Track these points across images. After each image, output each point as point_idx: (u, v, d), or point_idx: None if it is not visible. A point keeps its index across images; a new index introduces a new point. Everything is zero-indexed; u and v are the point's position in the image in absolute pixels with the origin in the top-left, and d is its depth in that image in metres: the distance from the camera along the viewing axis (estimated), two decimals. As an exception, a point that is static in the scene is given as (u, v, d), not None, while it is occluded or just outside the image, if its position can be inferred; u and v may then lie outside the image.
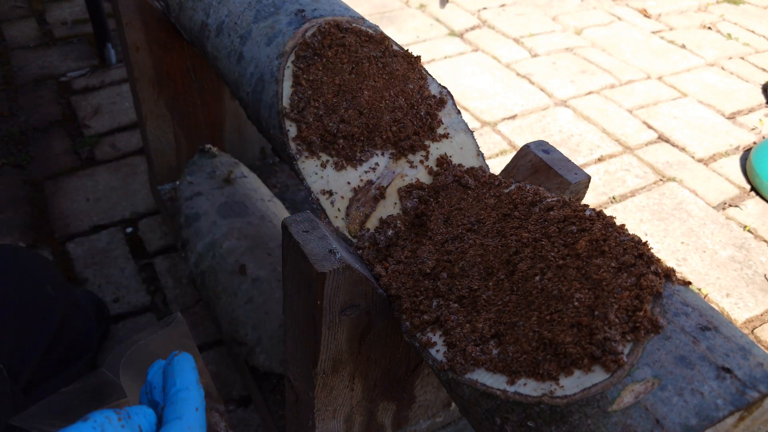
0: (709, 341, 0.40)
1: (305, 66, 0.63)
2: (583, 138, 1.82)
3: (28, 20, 2.22)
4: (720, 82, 2.14)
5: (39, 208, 1.48)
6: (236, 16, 0.73)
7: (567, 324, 0.43)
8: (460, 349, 0.46)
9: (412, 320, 0.51)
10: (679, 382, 0.38)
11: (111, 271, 1.32)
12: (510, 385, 0.43)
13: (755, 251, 1.48)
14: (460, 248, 0.54)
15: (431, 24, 2.38)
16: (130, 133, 1.73)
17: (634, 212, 1.58)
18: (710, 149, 1.81)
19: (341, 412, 0.66)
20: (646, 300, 0.41)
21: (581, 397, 0.39)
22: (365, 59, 0.64)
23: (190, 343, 0.78)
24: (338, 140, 0.61)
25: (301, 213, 0.54)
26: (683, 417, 0.36)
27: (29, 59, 2.01)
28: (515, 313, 0.46)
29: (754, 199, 1.64)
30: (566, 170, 0.60)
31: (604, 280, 0.44)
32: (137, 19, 1.04)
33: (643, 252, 0.45)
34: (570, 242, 0.48)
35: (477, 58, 2.18)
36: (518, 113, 1.91)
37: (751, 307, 1.34)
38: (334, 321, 0.53)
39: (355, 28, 0.67)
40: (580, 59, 2.21)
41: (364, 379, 0.64)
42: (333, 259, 0.49)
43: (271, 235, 1.11)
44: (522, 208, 0.54)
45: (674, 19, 2.57)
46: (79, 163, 1.62)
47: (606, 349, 0.40)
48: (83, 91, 1.89)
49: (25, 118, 1.76)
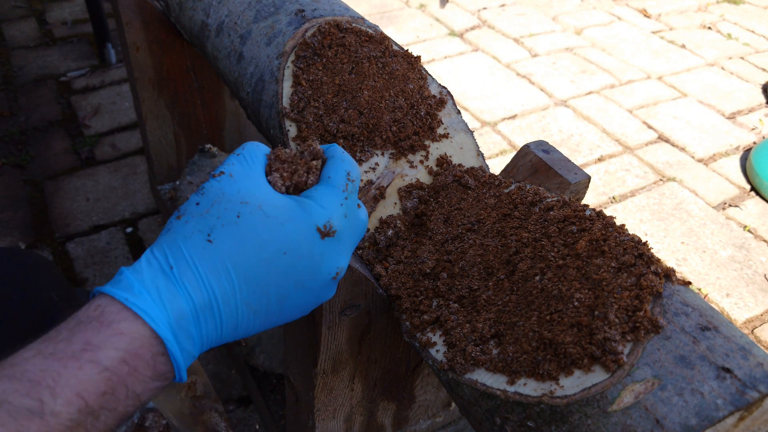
0: (709, 341, 0.40)
1: (305, 66, 0.63)
2: (583, 138, 1.82)
3: (28, 20, 2.22)
4: (720, 82, 2.14)
5: (39, 208, 1.48)
6: (236, 16, 0.73)
7: (567, 324, 0.43)
8: (460, 349, 0.46)
9: (412, 320, 0.51)
10: (679, 382, 0.38)
11: (111, 271, 1.32)
12: (510, 385, 0.43)
13: (755, 251, 1.48)
14: (460, 248, 0.54)
15: (431, 24, 2.38)
16: (130, 133, 1.73)
17: (634, 212, 1.58)
18: (710, 149, 1.81)
19: (341, 412, 0.66)
20: (646, 300, 0.41)
21: (581, 397, 0.39)
22: (365, 59, 0.64)
23: None
24: (338, 140, 0.61)
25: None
26: (683, 417, 0.36)
27: (29, 59, 2.01)
28: (515, 313, 0.46)
29: (754, 199, 1.64)
30: (566, 170, 0.60)
31: (604, 280, 0.44)
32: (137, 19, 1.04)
33: (643, 252, 0.45)
34: (570, 242, 0.48)
35: (477, 58, 2.18)
36: (518, 113, 1.91)
37: (751, 307, 1.34)
38: (334, 321, 0.53)
39: (355, 28, 0.67)
40: (580, 59, 2.21)
41: (364, 379, 0.64)
42: (333, 259, 0.49)
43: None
44: (522, 208, 0.54)
45: (674, 19, 2.57)
46: (79, 163, 1.62)
47: (606, 349, 0.40)
48: (83, 91, 1.89)
49: (25, 118, 1.76)
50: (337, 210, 0.39)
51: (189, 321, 0.35)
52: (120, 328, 0.33)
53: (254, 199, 0.37)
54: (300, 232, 0.37)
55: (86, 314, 0.34)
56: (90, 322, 0.33)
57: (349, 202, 0.40)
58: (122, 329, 0.33)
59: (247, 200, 0.37)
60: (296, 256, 0.37)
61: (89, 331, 0.33)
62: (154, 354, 0.34)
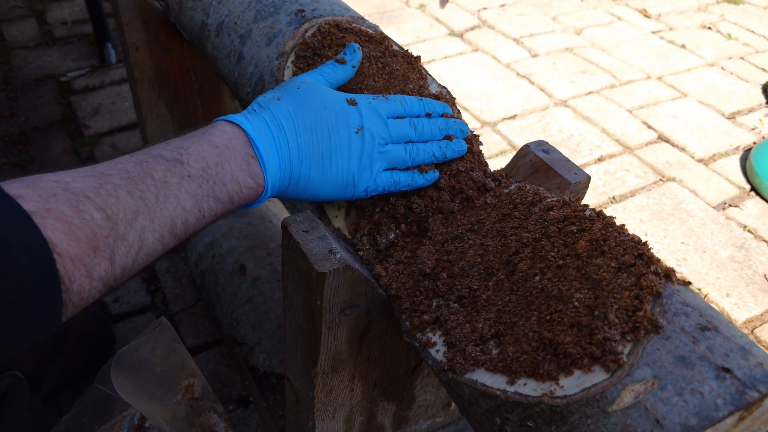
0: (709, 341, 0.40)
1: (305, 66, 0.63)
2: (583, 138, 1.82)
3: (28, 20, 2.22)
4: (720, 82, 2.14)
5: (39, 208, 1.48)
6: (236, 16, 0.73)
7: (567, 324, 0.43)
8: (460, 349, 0.46)
9: (412, 320, 0.51)
10: (679, 382, 0.38)
11: (111, 271, 1.32)
12: (510, 385, 0.43)
13: (755, 251, 1.48)
14: (460, 248, 0.54)
15: (431, 24, 2.38)
16: (130, 133, 1.73)
17: (634, 212, 1.58)
18: (710, 149, 1.81)
19: (341, 412, 0.66)
20: (646, 300, 0.41)
21: (581, 397, 0.39)
22: (365, 59, 0.64)
23: (179, 347, 0.78)
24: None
25: (301, 213, 0.54)
26: (683, 417, 0.36)
27: (29, 59, 2.01)
28: (515, 313, 0.46)
29: (754, 199, 1.64)
30: (566, 170, 0.60)
31: (604, 280, 0.44)
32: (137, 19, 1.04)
33: (643, 252, 0.45)
34: (570, 242, 0.48)
35: (477, 58, 2.18)
36: (518, 113, 1.91)
37: (751, 307, 1.34)
38: (334, 321, 0.53)
39: (355, 28, 0.67)
40: (580, 59, 2.21)
41: (364, 379, 0.64)
42: (333, 259, 0.49)
43: (270, 235, 1.11)
44: (522, 208, 0.54)
45: (674, 19, 2.57)
46: (79, 163, 1.62)
47: (606, 349, 0.40)
48: (83, 91, 1.89)
49: (25, 118, 1.76)
50: (363, 96, 0.57)
51: (266, 133, 0.51)
52: (224, 128, 0.50)
53: (308, 81, 0.57)
54: (335, 98, 0.55)
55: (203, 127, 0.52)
56: (205, 127, 0.51)
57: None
58: (225, 129, 0.50)
59: (305, 80, 0.56)
60: (332, 110, 0.54)
61: (206, 129, 0.51)
62: (246, 152, 0.50)
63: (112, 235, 0.40)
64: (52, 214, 0.37)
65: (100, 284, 0.40)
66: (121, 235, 0.41)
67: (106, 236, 0.40)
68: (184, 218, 0.45)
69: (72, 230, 0.38)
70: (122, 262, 0.41)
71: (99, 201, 0.40)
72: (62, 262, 0.37)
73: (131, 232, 0.42)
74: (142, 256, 0.43)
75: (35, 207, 0.37)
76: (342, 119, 0.53)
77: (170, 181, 0.45)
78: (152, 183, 0.44)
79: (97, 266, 0.39)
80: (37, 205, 0.37)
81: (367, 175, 0.55)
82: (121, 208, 0.41)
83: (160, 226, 0.44)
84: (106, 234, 0.40)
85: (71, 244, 0.38)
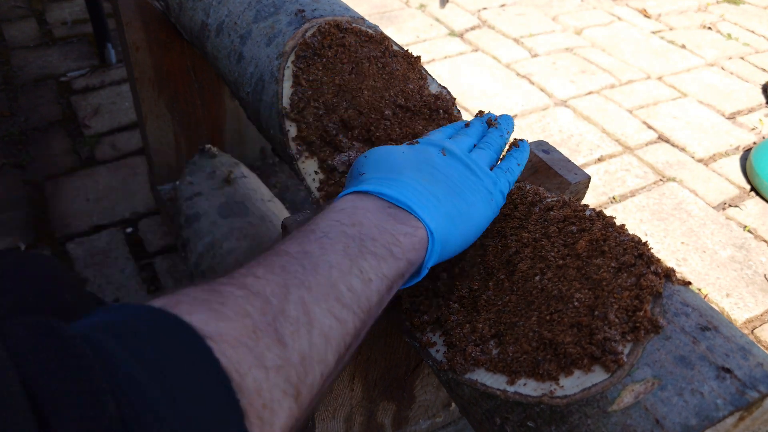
0: (709, 341, 0.40)
1: (305, 66, 0.63)
2: (583, 138, 1.83)
3: (28, 20, 2.22)
4: (720, 82, 2.14)
5: (39, 208, 1.48)
6: (236, 16, 0.73)
7: (567, 324, 0.43)
8: (460, 349, 0.46)
9: (412, 320, 0.51)
10: (679, 382, 0.38)
11: (111, 271, 1.32)
12: (510, 385, 0.43)
13: (755, 251, 1.48)
14: (460, 248, 0.54)
15: (431, 24, 2.38)
16: (130, 133, 1.73)
17: (634, 212, 1.58)
18: (710, 149, 1.82)
19: (341, 412, 0.66)
20: (646, 300, 0.41)
21: (581, 397, 0.39)
22: (365, 59, 0.64)
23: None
24: (338, 140, 0.61)
25: (301, 213, 0.54)
26: (683, 417, 0.36)
27: (29, 59, 2.01)
28: (515, 313, 0.46)
29: (754, 199, 1.64)
30: (566, 170, 0.60)
31: (604, 280, 0.44)
32: (137, 19, 1.04)
33: (643, 252, 0.45)
34: (570, 242, 0.48)
35: (477, 58, 2.18)
36: (518, 113, 1.91)
37: (751, 307, 1.34)
38: (334, 321, 0.53)
39: (355, 28, 0.67)
40: (580, 59, 2.21)
41: (364, 379, 0.64)
42: (333, 259, 0.49)
43: (271, 235, 1.11)
44: (522, 208, 0.54)
45: (674, 19, 2.57)
46: (79, 163, 1.62)
47: (606, 349, 0.40)
48: (83, 91, 1.89)
49: (25, 118, 1.76)
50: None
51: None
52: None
53: (434, 150, 0.52)
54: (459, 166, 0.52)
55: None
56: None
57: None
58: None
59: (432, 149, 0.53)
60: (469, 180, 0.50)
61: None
62: (380, 205, 0.45)
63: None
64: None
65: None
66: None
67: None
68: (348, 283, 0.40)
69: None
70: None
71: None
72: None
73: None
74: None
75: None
76: (472, 185, 0.51)
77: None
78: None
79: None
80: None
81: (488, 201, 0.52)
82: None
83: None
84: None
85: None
